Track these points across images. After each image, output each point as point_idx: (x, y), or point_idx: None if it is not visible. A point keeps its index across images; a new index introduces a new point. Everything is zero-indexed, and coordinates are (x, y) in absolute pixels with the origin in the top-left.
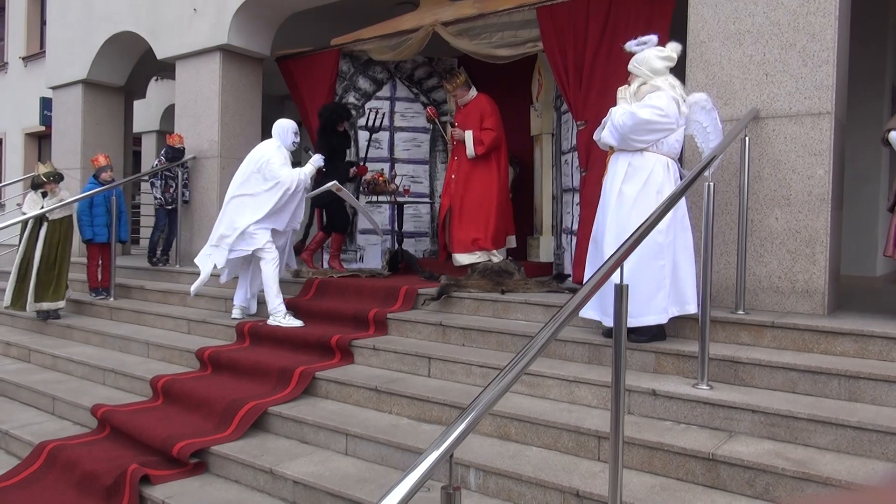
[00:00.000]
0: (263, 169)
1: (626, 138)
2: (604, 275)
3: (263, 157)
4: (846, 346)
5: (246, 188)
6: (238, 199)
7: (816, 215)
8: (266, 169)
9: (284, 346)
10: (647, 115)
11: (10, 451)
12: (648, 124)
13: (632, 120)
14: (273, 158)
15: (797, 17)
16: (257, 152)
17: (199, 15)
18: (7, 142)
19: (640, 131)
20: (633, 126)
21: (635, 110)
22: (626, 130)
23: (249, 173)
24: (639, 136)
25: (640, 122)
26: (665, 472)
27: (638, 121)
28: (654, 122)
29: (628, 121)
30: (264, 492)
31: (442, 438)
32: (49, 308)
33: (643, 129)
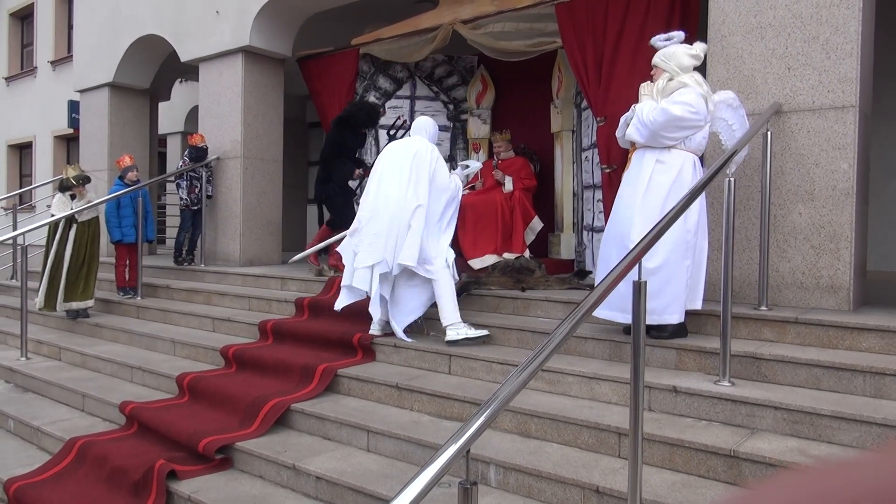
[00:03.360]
0: (436, 175)
1: (657, 135)
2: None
3: (434, 160)
4: (872, 342)
5: (420, 195)
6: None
7: (841, 210)
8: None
9: (307, 343)
10: (679, 111)
11: (42, 446)
12: (680, 121)
13: (663, 116)
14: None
15: (820, 9)
16: (423, 153)
17: (222, 17)
18: (37, 144)
19: (670, 128)
20: (664, 123)
21: (667, 106)
22: (657, 127)
23: (418, 177)
24: (669, 132)
25: (672, 118)
26: (686, 468)
27: (670, 117)
28: (685, 118)
29: (659, 117)
30: (288, 487)
31: (459, 434)
32: (78, 307)
33: (674, 125)
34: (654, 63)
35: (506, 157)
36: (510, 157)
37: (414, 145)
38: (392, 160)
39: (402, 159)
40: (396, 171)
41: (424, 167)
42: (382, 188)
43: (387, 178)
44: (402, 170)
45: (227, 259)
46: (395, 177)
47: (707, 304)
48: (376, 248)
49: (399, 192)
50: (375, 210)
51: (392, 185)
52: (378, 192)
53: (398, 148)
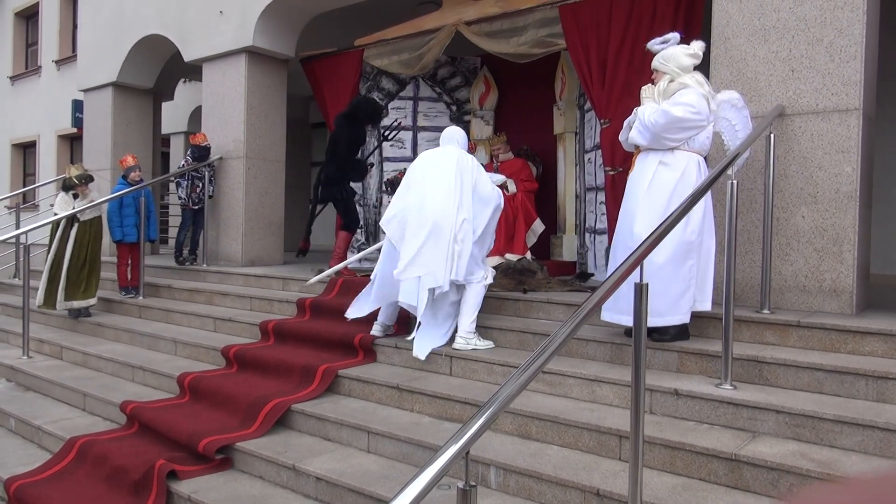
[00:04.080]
0: (478, 185)
1: (659, 137)
2: (624, 272)
3: (475, 167)
4: (874, 345)
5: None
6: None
7: (844, 213)
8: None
9: (308, 344)
10: (680, 112)
11: (42, 445)
12: (681, 122)
13: (664, 118)
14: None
15: (824, 11)
16: (465, 162)
17: (225, 18)
18: (41, 143)
19: (672, 129)
20: (665, 124)
21: (667, 108)
22: (658, 129)
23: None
24: (671, 134)
25: (673, 119)
26: (687, 472)
27: (671, 119)
28: (686, 119)
29: (661, 119)
30: (288, 488)
31: (458, 435)
32: (80, 306)
33: (676, 127)
34: (653, 66)
35: (504, 158)
36: (509, 158)
37: (453, 154)
38: (434, 168)
39: (444, 168)
40: (441, 180)
41: (468, 177)
42: (428, 198)
43: (431, 188)
44: (446, 179)
45: (228, 259)
46: (440, 186)
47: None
48: (423, 260)
49: (445, 203)
50: (422, 223)
51: (437, 196)
52: (423, 203)
53: (437, 156)
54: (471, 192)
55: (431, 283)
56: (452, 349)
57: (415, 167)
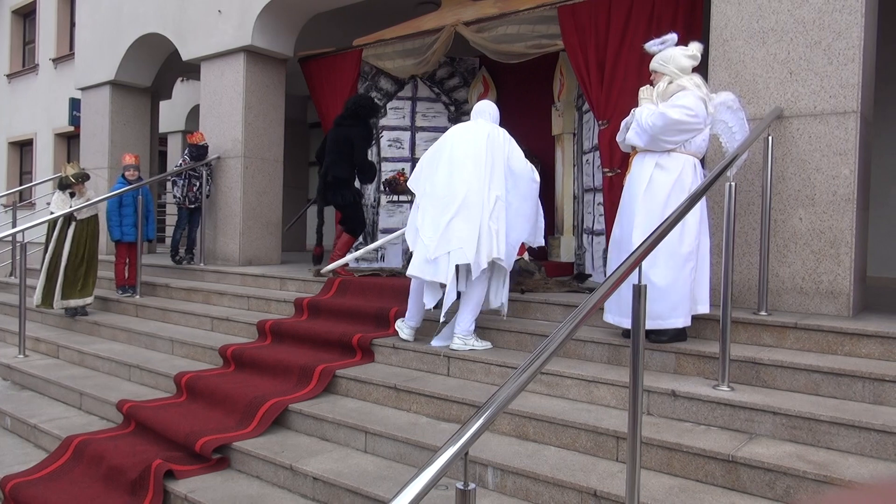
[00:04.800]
0: (511, 160)
1: (656, 139)
2: (622, 274)
3: (507, 142)
4: (871, 348)
5: (496, 184)
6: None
7: (841, 215)
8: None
9: (306, 344)
10: (677, 115)
11: (38, 444)
12: (678, 124)
13: (662, 120)
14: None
15: (822, 14)
16: (496, 136)
17: (224, 17)
18: (38, 142)
19: (670, 132)
20: (663, 127)
21: (665, 111)
22: (656, 131)
23: (494, 163)
24: (668, 136)
25: (671, 122)
26: (684, 473)
27: (668, 121)
28: (684, 122)
29: (658, 121)
30: (285, 488)
31: (457, 436)
32: (77, 305)
33: (673, 129)
34: (652, 68)
35: None
36: None
37: (484, 128)
38: (463, 143)
39: (475, 143)
40: (471, 156)
41: (500, 152)
42: (456, 175)
43: (459, 164)
44: (476, 154)
45: (226, 258)
46: (470, 162)
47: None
48: (451, 236)
49: (475, 179)
50: (451, 199)
51: (465, 172)
52: (451, 180)
53: (466, 131)
54: (503, 167)
55: (460, 259)
56: (450, 350)
57: (443, 143)
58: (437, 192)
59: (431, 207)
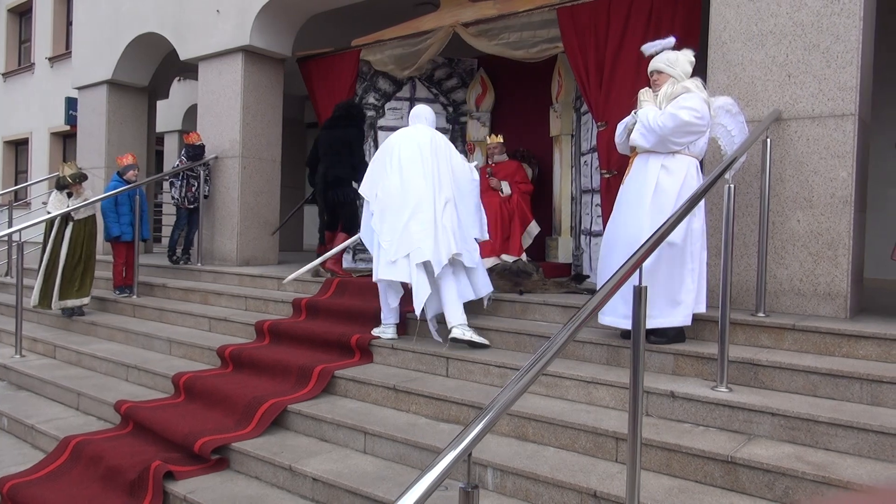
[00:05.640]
0: (454, 164)
1: (666, 140)
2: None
3: (449, 146)
4: (869, 349)
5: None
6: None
7: (839, 217)
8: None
9: (304, 344)
10: (688, 116)
11: (36, 445)
12: (688, 126)
13: (673, 122)
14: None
15: (820, 17)
16: (440, 142)
17: (222, 16)
18: (33, 141)
19: (679, 133)
20: (673, 128)
21: (676, 112)
22: (666, 132)
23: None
24: (678, 138)
25: (682, 123)
26: (683, 474)
27: (679, 122)
28: (692, 123)
29: (669, 123)
30: (284, 488)
31: (460, 438)
32: (74, 305)
33: (682, 131)
34: (657, 69)
35: (499, 160)
36: (503, 160)
37: (427, 133)
38: (410, 149)
39: (421, 149)
40: (419, 162)
41: (444, 156)
42: (407, 181)
43: (409, 171)
44: (424, 161)
45: (223, 258)
46: (419, 168)
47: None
48: (411, 239)
49: (427, 185)
50: (404, 203)
51: (418, 178)
52: (403, 186)
53: (411, 137)
54: (448, 170)
55: (420, 258)
56: (451, 339)
57: (390, 148)
58: (391, 198)
59: (387, 212)
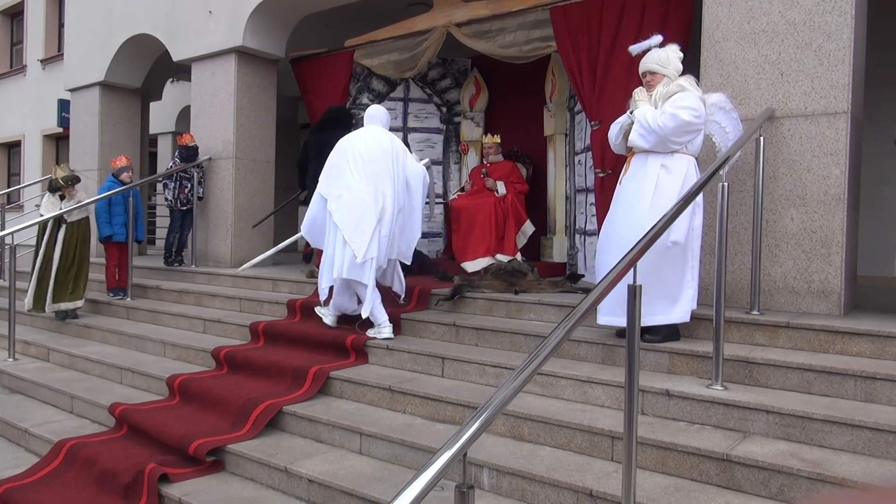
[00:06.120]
0: (407, 166)
1: (666, 140)
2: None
3: (405, 151)
4: (862, 346)
5: (399, 189)
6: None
7: (832, 215)
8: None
9: (299, 345)
10: (687, 116)
11: (29, 448)
12: (687, 125)
13: (674, 122)
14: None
15: (813, 16)
16: (397, 145)
17: (215, 17)
18: (26, 143)
19: (679, 133)
20: (674, 128)
21: (676, 112)
22: (667, 133)
23: (396, 171)
24: (678, 137)
25: (682, 123)
26: (679, 472)
27: (679, 123)
28: (692, 122)
29: (670, 123)
30: (280, 490)
31: (455, 438)
32: (67, 308)
33: (682, 130)
34: (650, 70)
35: (494, 160)
36: (498, 160)
37: (387, 136)
38: (372, 151)
39: (384, 155)
40: (387, 171)
41: (401, 163)
42: (373, 186)
43: (378, 177)
44: (390, 169)
45: (217, 260)
46: (388, 175)
47: (700, 307)
48: (375, 244)
49: (392, 192)
50: (371, 208)
51: (386, 185)
52: (371, 190)
53: (373, 139)
54: (403, 174)
55: (382, 263)
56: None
57: (351, 148)
58: (359, 201)
59: (356, 217)
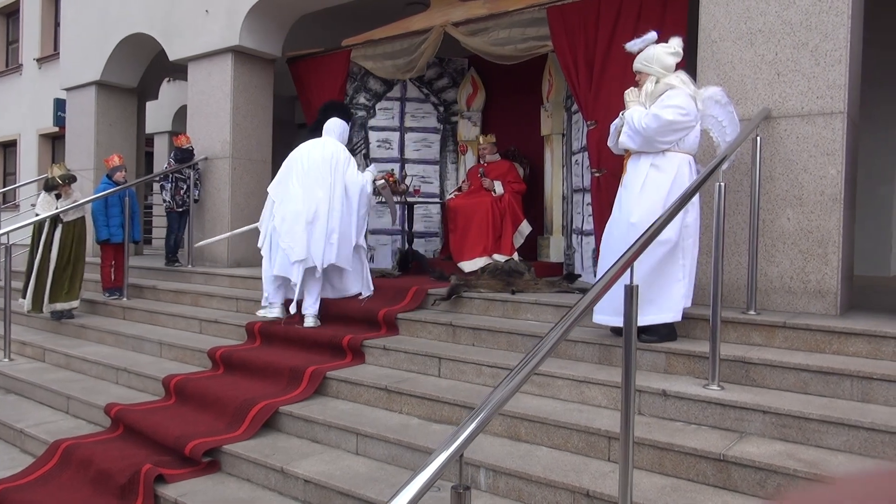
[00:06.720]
0: (348, 175)
1: (651, 140)
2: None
3: (347, 160)
4: (859, 346)
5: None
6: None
7: (829, 215)
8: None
9: (296, 346)
10: (671, 115)
11: (25, 449)
12: (672, 125)
13: (656, 122)
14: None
15: (809, 16)
16: (339, 154)
17: (211, 17)
18: (22, 143)
19: (664, 132)
20: (657, 128)
21: (658, 112)
22: (650, 133)
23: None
24: (663, 137)
25: (665, 123)
26: (676, 472)
27: (662, 122)
28: (677, 122)
29: (652, 123)
30: (276, 490)
31: (452, 438)
32: (63, 308)
33: (667, 130)
34: (636, 69)
35: (491, 160)
36: (495, 160)
37: (329, 148)
38: (312, 161)
39: (321, 165)
40: (321, 179)
41: (340, 171)
42: (308, 192)
43: (312, 184)
44: (325, 178)
45: (214, 260)
46: (320, 183)
47: (696, 307)
48: (301, 246)
49: (325, 199)
50: (302, 214)
51: (319, 192)
52: (304, 197)
53: (316, 149)
54: (342, 184)
55: (308, 265)
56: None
57: (298, 155)
58: (294, 205)
59: (290, 218)
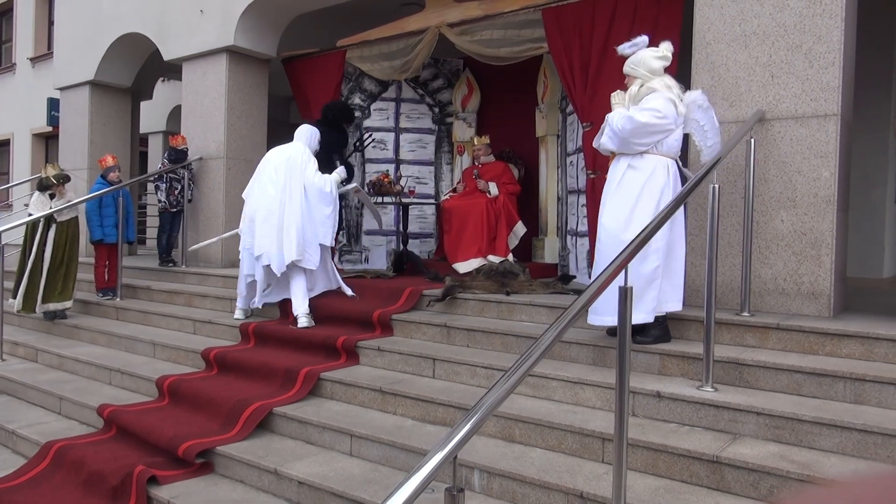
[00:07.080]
0: (307, 177)
1: (627, 142)
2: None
3: (305, 162)
4: (852, 348)
5: (294, 197)
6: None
7: (822, 217)
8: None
9: (290, 346)
10: (645, 118)
11: (17, 450)
12: (647, 127)
13: (630, 124)
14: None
15: (803, 18)
16: (295, 157)
17: (206, 16)
18: (15, 142)
19: (639, 134)
20: (632, 130)
21: (633, 114)
22: (625, 134)
23: (291, 181)
24: (638, 139)
25: (639, 125)
26: (669, 474)
27: (636, 125)
28: (651, 124)
29: (627, 125)
30: (269, 492)
31: (446, 440)
32: (56, 308)
33: (642, 132)
34: (624, 72)
35: (485, 161)
36: (490, 161)
37: (287, 151)
38: (271, 166)
39: (277, 167)
40: (273, 180)
41: (298, 172)
42: (264, 191)
43: (265, 182)
44: (277, 179)
45: (208, 261)
46: (272, 184)
47: (690, 309)
48: (257, 244)
49: (277, 199)
50: (257, 211)
51: (272, 191)
52: (259, 195)
53: (275, 153)
54: (300, 184)
55: (265, 262)
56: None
57: (265, 160)
58: (251, 206)
59: (248, 218)
